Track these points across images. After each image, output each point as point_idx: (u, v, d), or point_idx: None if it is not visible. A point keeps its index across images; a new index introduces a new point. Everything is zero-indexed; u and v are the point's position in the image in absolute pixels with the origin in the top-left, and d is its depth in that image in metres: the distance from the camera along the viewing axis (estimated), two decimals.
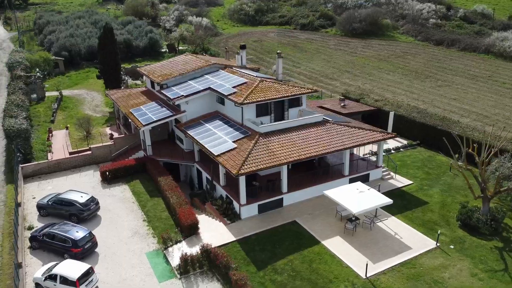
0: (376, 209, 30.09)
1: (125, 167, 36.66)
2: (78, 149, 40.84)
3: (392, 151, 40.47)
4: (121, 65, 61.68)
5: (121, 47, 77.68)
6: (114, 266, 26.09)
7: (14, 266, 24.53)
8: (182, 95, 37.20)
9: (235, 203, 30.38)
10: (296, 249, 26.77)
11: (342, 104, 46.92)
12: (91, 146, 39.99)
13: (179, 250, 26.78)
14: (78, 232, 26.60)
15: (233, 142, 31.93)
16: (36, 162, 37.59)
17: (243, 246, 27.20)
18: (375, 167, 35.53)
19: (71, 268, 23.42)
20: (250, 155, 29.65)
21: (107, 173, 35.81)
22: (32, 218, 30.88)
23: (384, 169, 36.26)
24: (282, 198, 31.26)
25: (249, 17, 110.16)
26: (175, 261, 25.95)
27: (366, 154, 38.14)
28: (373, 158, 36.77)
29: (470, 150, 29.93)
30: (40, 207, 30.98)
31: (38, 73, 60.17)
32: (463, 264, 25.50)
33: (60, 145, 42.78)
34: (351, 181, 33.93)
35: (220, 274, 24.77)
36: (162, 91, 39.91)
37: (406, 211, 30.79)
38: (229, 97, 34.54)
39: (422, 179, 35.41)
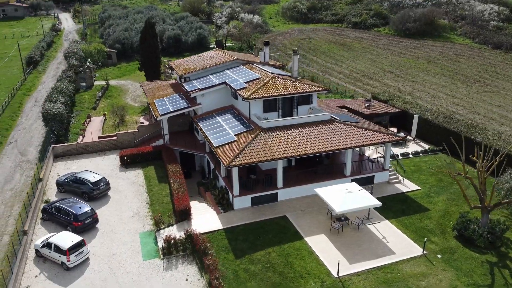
0: (369, 211, 29.72)
1: (142, 153, 39.09)
2: (106, 134, 44.07)
3: (400, 157, 38.99)
4: (170, 60, 65.01)
5: (170, 42, 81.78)
6: (108, 242, 28.31)
7: (18, 233, 27.51)
8: (198, 88, 38.85)
9: (230, 194, 31.45)
10: (277, 243, 27.29)
11: (367, 104, 46.07)
12: (117, 132, 43.01)
13: (169, 233, 28.40)
14: (80, 208, 29.17)
15: (235, 135, 32.96)
16: (66, 144, 41.29)
17: (228, 234, 28.22)
18: (382, 169, 34.77)
19: (65, 238, 25.89)
20: (245, 149, 30.52)
21: (125, 157, 38.47)
22: (51, 193, 34.18)
23: (392, 173, 35.36)
24: (277, 193, 31.79)
25: (301, 14, 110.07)
26: (162, 242, 27.62)
27: (379, 156, 37.35)
28: (381, 160, 35.97)
29: (474, 158, 28.47)
30: (58, 183, 34.21)
31: (88, 63, 65.13)
32: (445, 274, 24.54)
33: (94, 129, 46.43)
34: (353, 182, 33.58)
35: (199, 258, 26.03)
36: (183, 84, 41.90)
37: (402, 216, 30.01)
38: (238, 91, 35.58)
39: (431, 186, 34.10)
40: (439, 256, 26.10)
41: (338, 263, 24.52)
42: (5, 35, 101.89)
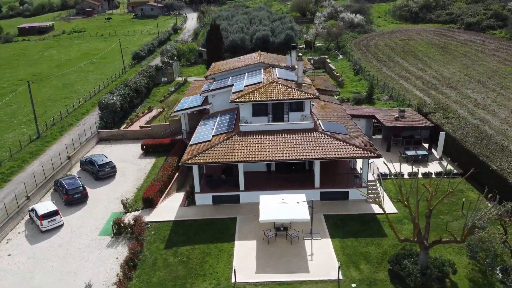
0: (311, 225, 28.66)
1: (160, 144, 43.60)
2: (145, 125, 49.93)
3: (420, 176, 35.31)
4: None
5: (258, 43, 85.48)
6: (86, 216, 33.30)
7: (16, 197, 34.35)
8: (209, 89, 41.48)
9: None
10: (209, 241, 28.57)
11: (397, 116, 42.51)
12: (152, 124, 48.45)
13: (132, 216, 32.00)
14: (72, 185, 34.83)
15: (213, 136, 34.78)
16: (109, 130, 48.30)
17: (173, 226, 30.53)
18: (360, 186, 32.55)
19: (43, 207, 31.63)
20: (210, 149, 32.21)
21: (144, 146, 43.50)
22: (75, 170, 41.03)
23: (377, 191, 32.81)
24: (239, 195, 32.67)
25: (411, 14, 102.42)
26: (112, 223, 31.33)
27: (382, 176, 34.94)
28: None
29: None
30: (80, 163, 40.91)
31: (171, 61, 72.82)
32: None
33: (144, 120, 52.85)
34: (323, 195, 32.48)
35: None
36: (206, 84, 44.99)
37: (350, 238, 28.12)
38: (232, 94, 37.10)
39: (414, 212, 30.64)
40: (354, 285, 24.14)
41: (234, 270, 24.85)
42: (135, 32, 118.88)
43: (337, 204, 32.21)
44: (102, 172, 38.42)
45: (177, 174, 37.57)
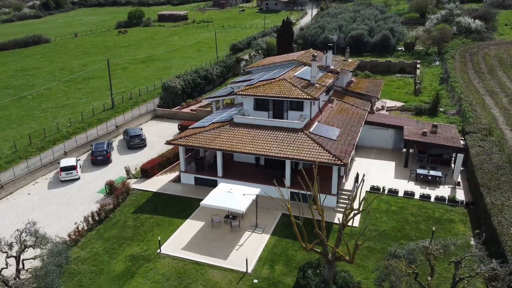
0: (256, 219, 29.36)
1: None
2: (194, 108, 54.66)
3: (432, 200, 32.67)
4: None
5: (350, 42, 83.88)
6: (100, 175, 39.24)
7: (54, 153, 41.97)
8: (234, 81, 43.87)
9: None
10: (167, 215, 31.55)
11: (426, 130, 39.07)
12: (197, 108, 52.93)
13: (127, 182, 36.75)
14: (99, 148, 41.19)
15: (211, 123, 37.32)
16: (163, 109, 54.29)
17: (151, 197, 34.29)
18: (330, 193, 31.61)
19: (66, 161, 38.49)
20: (196, 134, 35.00)
21: (179, 126, 48.20)
22: (120, 138, 47.88)
23: (348, 201, 31.47)
24: (216, 180, 34.69)
25: None
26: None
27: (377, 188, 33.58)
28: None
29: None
30: (124, 132, 47.49)
31: (254, 54, 76.28)
32: None
33: (199, 105, 57.74)
34: (293, 195, 32.46)
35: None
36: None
37: (289, 239, 28.15)
38: (242, 87, 38.94)
39: (377, 230, 28.89)
40: (255, 281, 24.58)
41: (159, 241, 27.39)
42: (251, 25, 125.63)
43: (303, 207, 31.84)
44: (132, 142, 44.25)
45: (189, 154, 41.12)
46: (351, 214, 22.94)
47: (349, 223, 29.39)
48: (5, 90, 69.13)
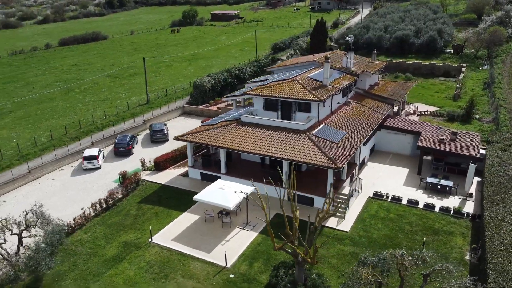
0: (247, 216, 29.99)
1: None
2: (219, 106, 56.01)
3: (437, 211, 31.67)
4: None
5: (395, 42, 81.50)
6: (120, 166, 41.69)
7: (81, 144, 45.13)
8: (252, 80, 44.57)
9: None
10: (168, 206, 33.09)
11: (442, 137, 37.49)
12: (222, 107, 54.27)
13: (141, 173, 38.88)
14: (122, 140, 43.79)
15: (221, 121, 38.33)
16: (191, 106, 56.26)
17: (158, 188, 36.10)
18: (324, 195, 31.42)
19: (88, 151, 41.42)
20: (204, 131, 36.23)
21: (201, 122, 49.76)
22: (146, 131, 50.53)
23: (341, 206, 31.22)
24: (220, 177, 35.63)
25: None
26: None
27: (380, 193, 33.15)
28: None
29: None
30: (149, 126, 49.99)
31: (293, 53, 76.28)
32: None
33: (226, 103, 59.10)
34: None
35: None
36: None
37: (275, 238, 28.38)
38: (255, 87, 39.60)
39: (369, 238, 28.45)
40: (232, 275, 25.25)
41: (151, 231, 28.84)
42: (299, 24, 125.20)
43: (299, 208, 31.95)
44: (154, 137, 46.55)
45: (203, 150, 42.55)
46: (325, 216, 22.92)
47: (339, 227, 29.43)
48: (57, 83, 74.99)
